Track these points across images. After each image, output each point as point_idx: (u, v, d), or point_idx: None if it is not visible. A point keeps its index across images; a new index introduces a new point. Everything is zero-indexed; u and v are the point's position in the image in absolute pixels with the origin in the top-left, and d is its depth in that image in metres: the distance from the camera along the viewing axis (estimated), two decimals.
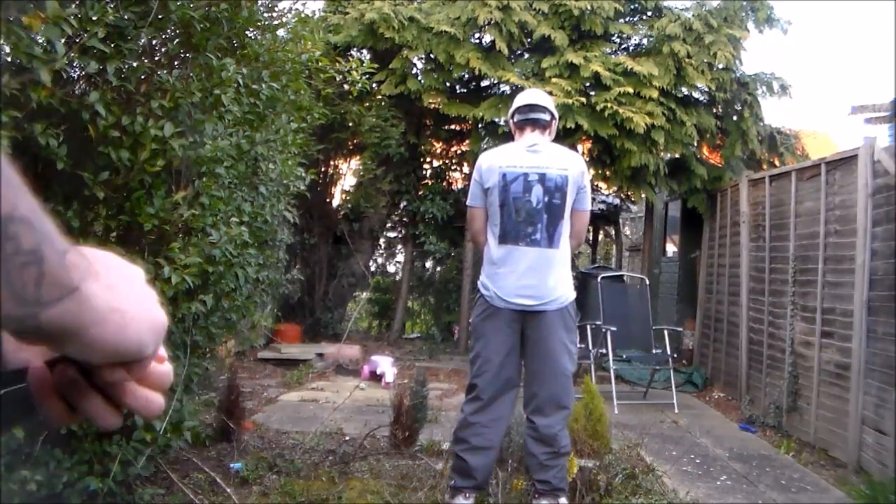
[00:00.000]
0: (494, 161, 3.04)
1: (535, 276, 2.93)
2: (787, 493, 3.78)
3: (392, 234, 10.09)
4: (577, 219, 3.07)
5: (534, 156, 3.02)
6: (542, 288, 2.93)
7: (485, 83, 8.11)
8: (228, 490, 3.08)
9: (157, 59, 2.59)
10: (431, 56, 7.48)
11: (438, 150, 9.47)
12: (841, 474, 4.12)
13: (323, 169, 8.36)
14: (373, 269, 9.90)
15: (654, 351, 6.34)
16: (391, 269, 10.54)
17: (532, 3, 7.35)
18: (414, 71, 7.66)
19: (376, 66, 6.85)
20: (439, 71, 7.50)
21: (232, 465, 3.42)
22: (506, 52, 7.24)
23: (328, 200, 8.83)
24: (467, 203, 3.20)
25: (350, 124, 7.66)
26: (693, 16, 7.25)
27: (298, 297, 8.12)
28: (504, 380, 3.00)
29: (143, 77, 2.39)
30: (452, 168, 9.52)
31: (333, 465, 3.62)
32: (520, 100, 3.20)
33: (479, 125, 7.58)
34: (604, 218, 11.52)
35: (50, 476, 2.27)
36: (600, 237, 14.42)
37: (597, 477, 3.29)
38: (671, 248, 10.35)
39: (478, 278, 3.23)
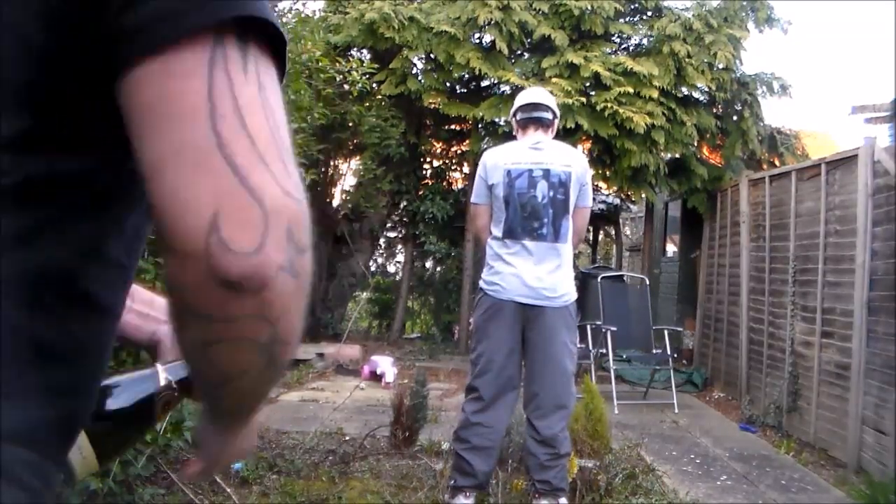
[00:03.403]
0: (499, 158, 3.08)
1: (540, 270, 2.95)
2: (787, 493, 3.78)
3: (392, 234, 10.09)
4: (579, 215, 3.11)
5: (537, 153, 3.05)
6: (546, 282, 2.95)
7: (485, 83, 8.10)
8: (228, 490, 3.08)
9: None
10: (431, 56, 7.48)
11: (438, 150, 9.47)
12: (841, 474, 4.11)
13: (323, 169, 8.35)
14: (373, 269, 9.90)
15: (654, 351, 6.34)
16: (391, 269, 10.54)
17: (532, 3, 7.35)
18: (414, 71, 7.66)
19: (376, 66, 6.88)
20: (439, 71, 7.50)
21: (232, 465, 3.41)
22: (506, 52, 7.23)
23: (328, 200, 8.83)
24: (472, 200, 3.27)
25: (350, 124, 7.65)
26: (693, 16, 7.25)
27: None
28: (505, 379, 3.00)
29: None
30: (452, 168, 9.52)
31: (333, 465, 3.62)
32: (522, 98, 3.22)
33: (479, 125, 7.58)
34: (604, 218, 11.52)
35: None
36: (600, 237, 14.43)
37: (597, 477, 3.29)
38: (671, 248, 10.35)
39: (478, 278, 3.24)
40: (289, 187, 0.43)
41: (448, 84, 7.85)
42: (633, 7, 7.98)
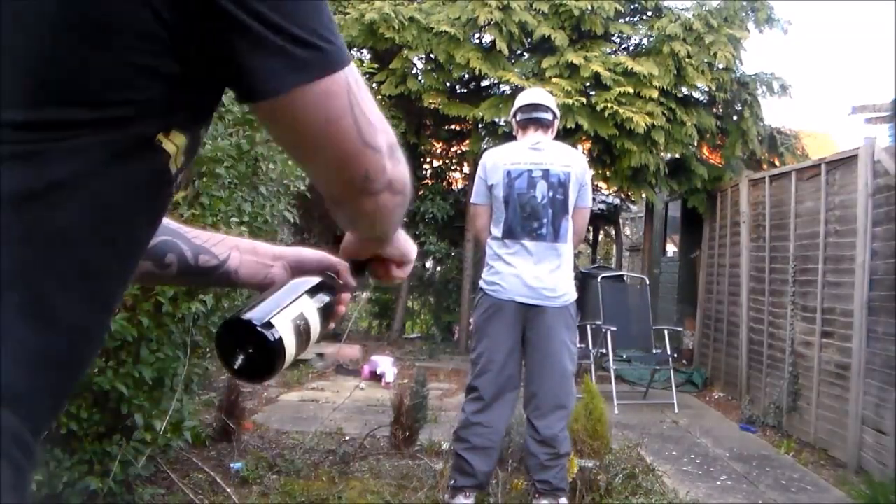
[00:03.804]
0: (499, 159, 3.10)
1: (540, 270, 2.96)
2: (787, 493, 3.78)
3: None
4: (579, 215, 3.12)
5: (537, 153, 3.06)
6: (546, 281, 2.95)
7: (485, 83, 8.11)
8: (228, 490, 3.08)
9: None
10: (431, 56, 7.48)
11: (438, 150, 9.47)
12: (841, 474, 4.11)
13: None
14: None
15: (654, 351, 6.34)
16: None
17: (532, 3, 7.35)
18: (414, 71, 7.66)
19: (376, 66, 6.88)
20: (439, 71, 7.50)
21: (232, 465, 3.41)
22: (506, 52, 7.23)
23: None
24: (472, 200, 3.28)
25: None
26: (693, 16, 7.25)
27: None
28: (505, 379, 3.01)
29: None
30: (452, 168, 9.51)
31: (333, 465, 3.62)
32: (522, 99, 3.22)
33: (479, 125, 7.58)
34: (604, 218, 11.52)
35: (50, 476, 2.27)
36: (600, 237, 14.43)
37: (597, 477, 3.29)
38: (671, 248, 10.35)
39: (478, 278, 3.25)
40: (387, 129, 0.67)
41: (448, 84, 7.85)
42: (633, 7, 7.99)
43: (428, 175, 9.27)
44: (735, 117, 7.58)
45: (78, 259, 0.56)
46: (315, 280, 0.82)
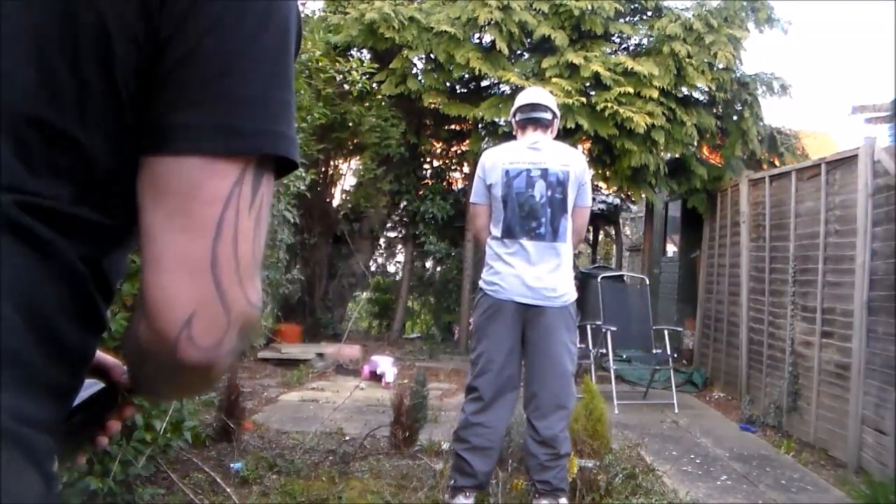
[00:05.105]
0: (497, 158, 3.09)
1: (539, 270, 2.95)
2: (787, 493, 3.78)
3: (392, 234, 10.09)
4: (578, 215, 3.12)
5: (536, 153, 3.06)
6: (546, 281, 2.94)
7: (485, 83, 8.11)
8: (228, 490, 3.08)
9: None
10: (431, 56, 7.48)
11: (438, 150, 9.47)
12: (841, 474, 4.11)
13: (323, 169, 8.35)
14: (373, 268, 9.90)
15: (654, 351, 6.34)
16: (391, 269, 10.53)
17: (532, 3, 7.35)
18: (414, 71, 7.66)
19: (376, 66, 6.89)
20: (439, 71, 7.50)
21: (232, 465, 3.41)
22: (506, 52, 7.23)
23: (328, 200, 8.83)
24: (471, 200, 3.28)
25: (350, 124, 7.66)
26: (693, 16, 7.25)
27: (298, 297, 8.11)
28: (505, 379, 3.00)
29: None
30: (452, 168, 9.52)
31: (333, 465, 3.62)
32: (522, 99, 3.22)
33: (479, 125, 7.58)
34: (604, 218, 11.52)
35: None
36: (600, 237, 14.43)
37: (597, 477, 3.29)
38: (671, 248, 10.35)
39: (478, 278, 3.25)
40: (253, 299, 0.54)
41: (448, 84, 7.85)
42: (633, 7, 7.98)
43: (428, 175, 9.27)
44: (735, 117, 7.58)
45: (91, 308, 0.57)
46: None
